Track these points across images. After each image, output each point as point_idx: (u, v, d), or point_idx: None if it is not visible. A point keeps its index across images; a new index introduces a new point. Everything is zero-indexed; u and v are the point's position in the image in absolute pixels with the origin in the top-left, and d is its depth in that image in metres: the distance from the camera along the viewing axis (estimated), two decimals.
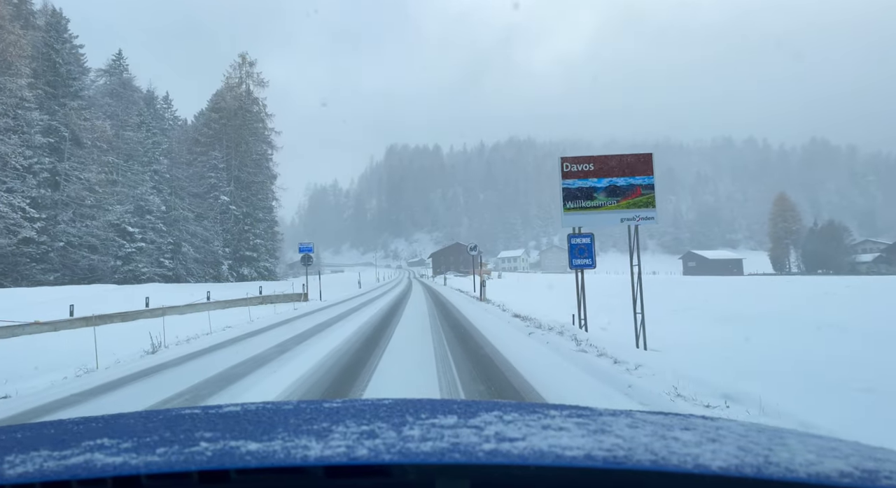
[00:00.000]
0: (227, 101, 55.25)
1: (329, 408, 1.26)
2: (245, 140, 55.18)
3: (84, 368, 9.18)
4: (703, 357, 9.13)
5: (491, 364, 9.02)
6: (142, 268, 37.04)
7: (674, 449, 0.89)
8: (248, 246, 53.91)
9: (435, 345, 11.26)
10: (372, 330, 14.34)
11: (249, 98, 60.28)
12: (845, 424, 4.60)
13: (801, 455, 0.89)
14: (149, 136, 43.06)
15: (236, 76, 59.97)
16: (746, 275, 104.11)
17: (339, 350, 10.71)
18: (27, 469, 0.85)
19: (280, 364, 9.26)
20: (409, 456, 0.86)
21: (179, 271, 42.27)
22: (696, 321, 16.05)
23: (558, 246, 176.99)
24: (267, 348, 11.27)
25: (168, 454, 0.90)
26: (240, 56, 60.43)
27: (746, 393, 5.88)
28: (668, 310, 16.27)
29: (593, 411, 1.24)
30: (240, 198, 53.28)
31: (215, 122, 54.13)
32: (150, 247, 38.76)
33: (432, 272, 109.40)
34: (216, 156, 50.64)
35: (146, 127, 43.54)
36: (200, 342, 12.76)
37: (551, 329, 13.23)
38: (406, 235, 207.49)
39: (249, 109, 58.32)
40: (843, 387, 6.50)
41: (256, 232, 55.23)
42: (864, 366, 8.27)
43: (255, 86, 60.72)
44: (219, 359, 10.04)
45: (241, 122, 55.27)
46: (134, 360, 10.25)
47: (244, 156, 54.75)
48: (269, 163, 63.73)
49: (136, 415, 1.32)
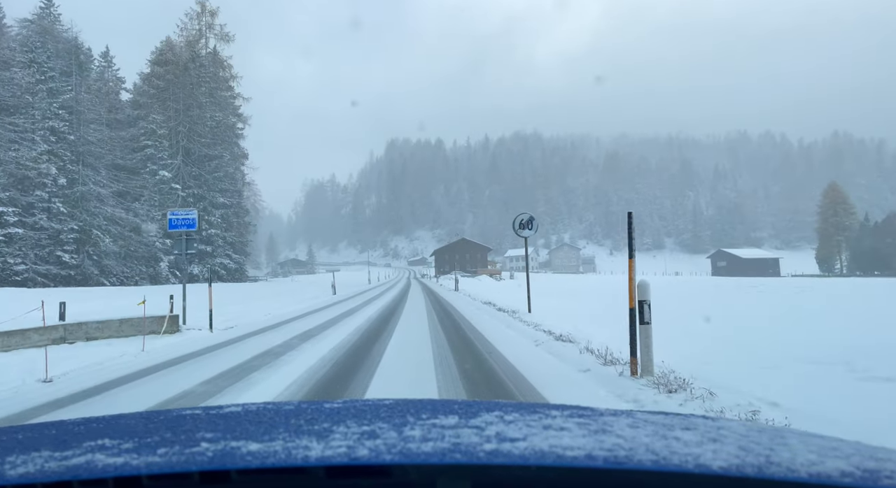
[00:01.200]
0: (176, 53, 43.46)
1: (330, 409, 1.25)
2: (199, 102, 43.50)
3: None
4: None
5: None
6: (15, 266, 25.43)
7: (675, 449, 0.89)
8: (200, 237, 42.20)
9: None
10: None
11: (212, 57, 48.63)
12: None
13: (802, 455, 0.89)
14: (41, 81, 31.30)
15: (193, 28, 48.22)
16: (785, 276, 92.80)
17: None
18: (28, 469, 0.85)
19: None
20: (409, 456, 0.86)
21: (89, 270, 30.67)
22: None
23: (569, 244, 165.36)
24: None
25: (169, 454, 0.90)
26: (198, 3, 48.50)
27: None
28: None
29: (594, 411, 1.24)
30: (189, 175, 41.72)
31: (159, 77, 42.42)
32: (34, 234, 27.13)
33: (435, 271, 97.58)
34: (156, 121, 38.95)
35: (39, 68, 31.69)
36: None
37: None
38: (407, 233, 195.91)
39: (208, 69, 46.56)
40: None
41: (212, 220, 43.67)
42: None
43: (217, 41, 48.96)
44: None
45: (194, 79, 43.59)
46: None
47: (197, 122, 43.05)
48: (237, 139, 52.08)
49: (137, 416, 1.31)
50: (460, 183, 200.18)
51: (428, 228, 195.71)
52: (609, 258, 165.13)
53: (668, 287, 39.60)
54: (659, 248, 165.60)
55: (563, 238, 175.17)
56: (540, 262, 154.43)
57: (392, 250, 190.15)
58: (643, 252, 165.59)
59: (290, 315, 18.56)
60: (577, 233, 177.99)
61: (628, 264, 6.91)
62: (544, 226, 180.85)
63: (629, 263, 6.88)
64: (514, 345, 9.58)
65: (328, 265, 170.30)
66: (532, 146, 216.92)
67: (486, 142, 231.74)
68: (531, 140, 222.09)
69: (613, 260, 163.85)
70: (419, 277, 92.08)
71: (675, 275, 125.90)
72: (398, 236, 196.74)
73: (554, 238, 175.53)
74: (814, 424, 3.70)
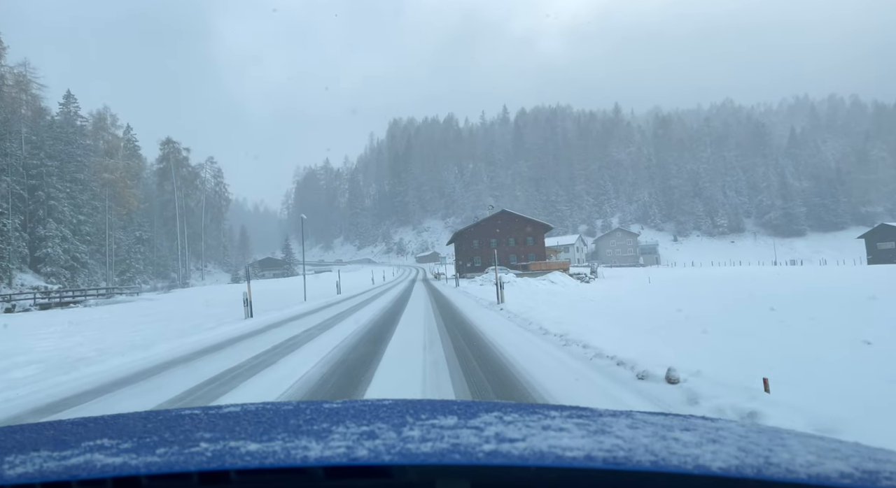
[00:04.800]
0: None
1: (329, 409, 1.25)
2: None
3: None
4: None
5: None
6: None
7: (674, 450, 0.89)
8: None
9: None
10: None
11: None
12: None
13: (801, 456, 0.88)
14: None
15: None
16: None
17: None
18: (27, 469, 0.85)
19: None
20: (409, 456, 0.85)
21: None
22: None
23: (622, 228, 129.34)
24: None
25: (168, 454, 0.90)
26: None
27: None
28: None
29: (593, 412, 1.24)
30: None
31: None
32: None
33: (453, 268, 62.46)
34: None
35: None
36: None
37: None
38: (414, 223, 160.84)
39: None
40: None
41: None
42: None
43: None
44: None
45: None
46: None
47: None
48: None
49: (136, 416, 1.30)
50: (477, 162, 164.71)
51: (440, 217, 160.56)
52: (673, 246, 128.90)
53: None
54: (737, 231, 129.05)
55: (610, 223, 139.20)
56: (585, 253, 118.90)
57: (396, 244, 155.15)
58: (718, 237, 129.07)
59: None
60: (629, 215, 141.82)
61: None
62: (586, 209, 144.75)
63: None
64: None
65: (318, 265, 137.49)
66: (562, 116, 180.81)
67: (504, 116, 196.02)
68: (559, 112, 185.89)
69: (680, 248, 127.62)
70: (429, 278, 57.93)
71: (822, 265, 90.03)
72: (403, 227, 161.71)
73: (599, 223, 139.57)
74: None
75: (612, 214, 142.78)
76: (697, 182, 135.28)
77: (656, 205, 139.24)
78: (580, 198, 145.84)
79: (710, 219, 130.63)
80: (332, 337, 11.49)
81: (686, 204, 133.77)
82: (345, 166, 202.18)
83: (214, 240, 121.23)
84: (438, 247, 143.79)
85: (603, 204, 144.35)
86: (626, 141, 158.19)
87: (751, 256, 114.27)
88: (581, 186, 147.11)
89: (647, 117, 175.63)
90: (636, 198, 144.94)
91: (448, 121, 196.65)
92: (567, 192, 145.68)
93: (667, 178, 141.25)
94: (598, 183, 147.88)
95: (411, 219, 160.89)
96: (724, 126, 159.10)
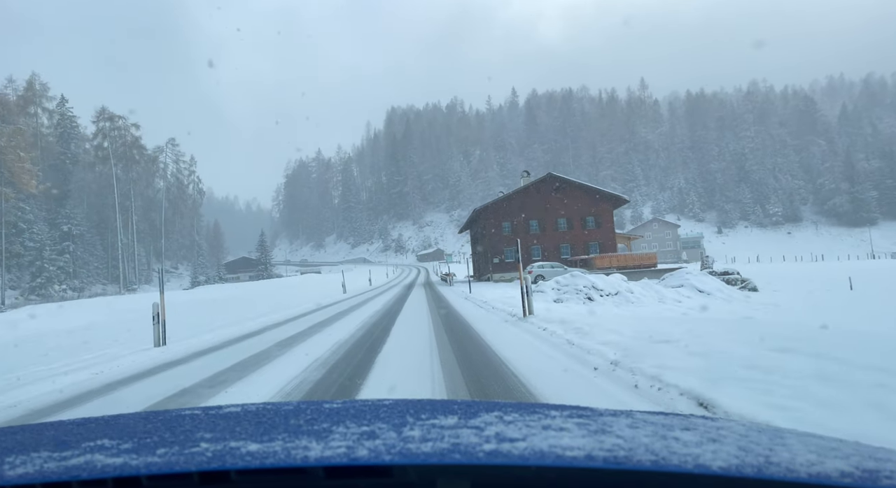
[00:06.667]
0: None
1: (329, 409, 1.25)
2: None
3: None
4: None
5: None
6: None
7: (674, 450, 0.88)
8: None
9: None
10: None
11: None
12: None
13: (801, 455, 0.88)
14: None
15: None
16: None
17: None
18: (27, 470, 0.85)
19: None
20: (409, 456, 0.85)
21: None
22: None
23: (658, 219, 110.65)
24: None
25: (168, 454, 0.89)
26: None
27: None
28: None
29: (594, 411, 1.23)
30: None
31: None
32: None
33: (469, 268, 43.69)
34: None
35: None
36: None
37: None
38: (415, 217, 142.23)
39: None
40: None
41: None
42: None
43: None
44: None
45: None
46: None
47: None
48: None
49: (136, 416, 1.31)
50: (485, 148, 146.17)
51: (444, 210, 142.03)
52: (717, 238, 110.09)
53: None
54: (793, 221, 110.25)
55: (640, 212, 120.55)
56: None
57: (395, 241, 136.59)
58: (772, 228, 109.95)
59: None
60: (662, 204, 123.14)
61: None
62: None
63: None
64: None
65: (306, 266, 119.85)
66: (579, 97, 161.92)
67: (513, 100, 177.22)
68: (577, 92, 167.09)
69: (726, 241, 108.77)
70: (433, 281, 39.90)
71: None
72: (403, 222, 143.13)
73: (629, 213, 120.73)
74: None
75: (642, 203, 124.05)
76: (743, 164, 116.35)
77: (694, 192, 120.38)
78: (605, 184, 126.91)
79: (760, 207, 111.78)
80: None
81: (730, 190, 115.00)
82: (338, 156, 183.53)
83: (188, 238, 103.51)
84: (443, 243, 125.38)
85: (632, 191, 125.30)
86: (656, 121, 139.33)
87: (814, 249, 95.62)
88: (606, 171, 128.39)
89: (676, 97, 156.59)
90: (669, 185, 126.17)
91: (451, 106, 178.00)
92: (590, 179, 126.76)
93: (705, 162, 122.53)
94: (625, 168, 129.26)
95: (411, 213, 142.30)
96: (766, 102, 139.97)
